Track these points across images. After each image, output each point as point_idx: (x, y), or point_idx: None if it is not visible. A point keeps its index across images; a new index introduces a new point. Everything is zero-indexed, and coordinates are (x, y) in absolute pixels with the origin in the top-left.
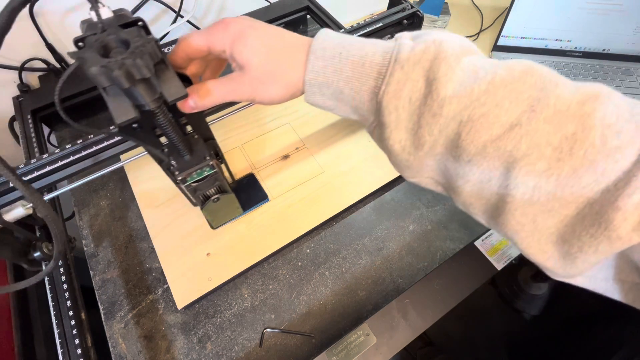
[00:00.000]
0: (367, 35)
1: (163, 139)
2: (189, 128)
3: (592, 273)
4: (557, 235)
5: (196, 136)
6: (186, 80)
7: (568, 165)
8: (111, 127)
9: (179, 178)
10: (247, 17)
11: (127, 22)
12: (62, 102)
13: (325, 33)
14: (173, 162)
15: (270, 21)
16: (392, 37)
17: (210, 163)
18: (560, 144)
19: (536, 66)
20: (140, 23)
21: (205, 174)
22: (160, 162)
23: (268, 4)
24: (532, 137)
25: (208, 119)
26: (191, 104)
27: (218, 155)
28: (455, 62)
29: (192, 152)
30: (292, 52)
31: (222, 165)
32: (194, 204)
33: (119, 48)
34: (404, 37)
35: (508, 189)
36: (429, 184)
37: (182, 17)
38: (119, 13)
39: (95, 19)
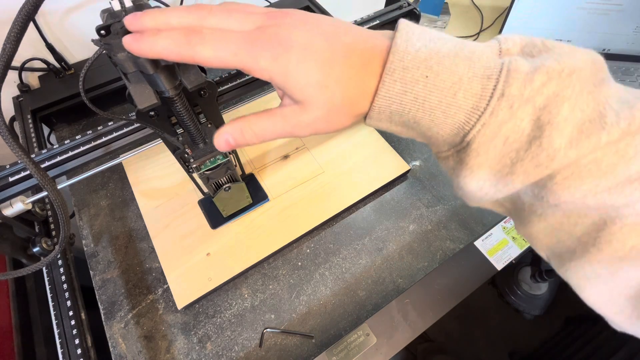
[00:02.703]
0: None
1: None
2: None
3: None
4: (637, 290)
5: (209, 125)
6: (204, 71)
7: None
8: (130, 115)
9: (194, 165)
10: (291, 13)
11: None
12: (62, 102)
13: (407, 38)
14: (187, 150)
15: None
16: None
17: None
18: None
19: None
20: None
21: (218, 162)
22: (174, 150)
23: (268, 4)
24: None
25: None
26: (230, 142)
27: None
28: (582, 106)
29: (206, 141)
30: (363, 69)
31: (232, 156)
32: (205, 194)
33: None
34: (513, 49)
35: (596, 242)
36: (490, 206)
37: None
38: (137, 2)
39: (115, 8)
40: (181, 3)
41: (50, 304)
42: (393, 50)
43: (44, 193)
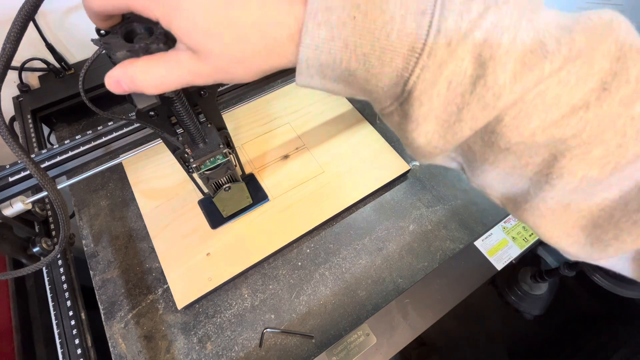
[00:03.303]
0: None
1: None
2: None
3: None
4: (589, 219)
5: (209, 125)
6: None
7: (632, 152)
8: (130, 114)
9: (193, 165)
10: None
11: None
12: (62, 102)
13: None
14: (187, 150)
15: None
16: None
17: (224, 151)
18: (626, 128)
19: (615, 23)
20: None
21: (218, 162)
22: (174, 150)
23: None
24: (599, 123)
25: None
26: (122, 87)
27: (229, 145)
28: (521, 37)
29: (206, 141)
30: (273, 15)
31: (232, 156)
32: (205, 194)
33: (142, 34)
34: None
35: (548, 178)
36: (442, 161)
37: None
38: None
39: None
40: None
41: (50, 304)
42: None
43: (44, 193)
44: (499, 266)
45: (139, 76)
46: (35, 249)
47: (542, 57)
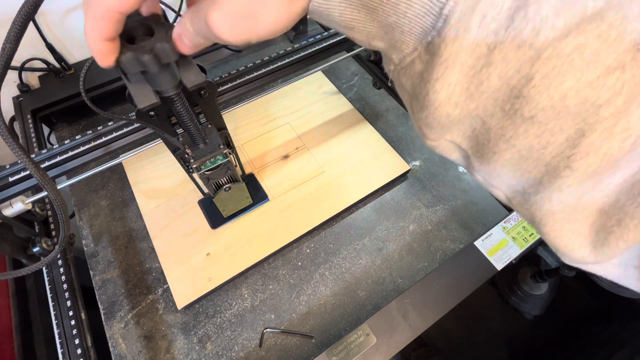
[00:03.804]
0: None
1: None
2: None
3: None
4: (594, 208)
5: (210, 125)
6: (204, 71)
7: None
8: (130, 114)
9: (194, 166)
10: None
11: None
12: (62, 102)
13: None
14: (187, 151)
15: None
16: None
17: (224, 151)
18: None
19: None
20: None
21: (218, 162)
22: (174, 150)
23: None
24: (634, 86)
25: None
26: (184, 41)
27: (229, 145)
28: None
29: (206, 141)
30: None
31: (232, 156)
32: (205, 195)
33: (143, 35)
34: None
35: (570, 160)
36: (445, 150)
37: (181, 17)
38: None
39: None
40: (181, 3)
41: (50, 304)
42: None
43: (44, 193)
44: (499, 266)
45: (188, 28)
46: (35, 249)
47: None
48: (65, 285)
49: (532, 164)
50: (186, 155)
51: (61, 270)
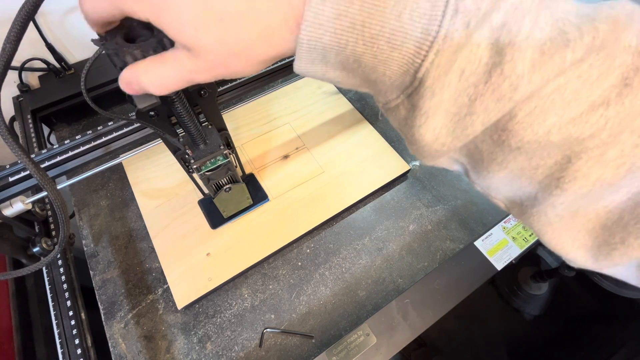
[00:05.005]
0: None
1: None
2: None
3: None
4: (597, 222)
5: (210, 126)
6: None
7: None
8: (130, 114)
9: (194, 166)
10: None
11: None
12: (62, 102)
13: None
14: (188, 151)
15: None
16: None
17: (225, 152)
18: None
19: (637, 14)
20: None
21: (219, 163)
22: (175, 151)
23: None
24: (620, 121)
25: None
26: (134, 88)
27: (230, 146)
28: (542, 22)
29: (206, 142)
30: (263, 1)
31: (232, 156)
32: (205, 195)
33: (143, 34)
34: None
35: (559, 182)
36: (444, 164)
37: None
38: None
39: None
40: None
41: (50, 304)
42: None
43: (44, 193)
44: (499, 266)
45: (142, 77)
46: (35, 249)
47: (564, 46)
48: (65, 285)
49: (526, 181)
50: (187, 156)
51: (61, 270)
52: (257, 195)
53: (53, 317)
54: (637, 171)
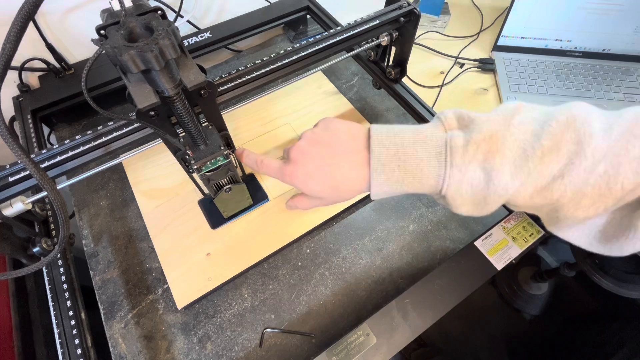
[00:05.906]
0: (365, 32)
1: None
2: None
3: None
4: (596, 230)
5: (210, 127)
6: (204, 71)
7: (612, 198)
8: (130, 114)
9: (195, 167)
10: (306, 158)
11: (146, 11)
12: (62, 102)
13: (379, 141)
14: (188, 152)
15: (270, 21)
16: (393, 36)
17: (225, 153)
18: (600, 183)
19: (574, 118)
20: (159, 12)
21: (219, 163)
22: (175, 151)
23: (268, 4)
24: (575, 184)
25: None
26: (292, 209)
27: (230, 146)
28: (508, 151)
29: (207, 142)
30: (353, 173)
31: (233, 156)
32: (205, 195)
33: (143, 34)
34: (452, 123)
35: (557, 220)
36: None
37: (182, 17)
38: (137, 2)
39: (115, 8)
40: (181, 3)
41: (50, 304)
42: (372, 156)
43: (44, 193)
44: (499, 266)
45: (298, 205)
46: (35, 249)
47: (526, 159)
48: (65, 285)
49: (538, 210)
50: (187, 157)
51: (61, 270)
52: (257, 196)
53: (53, 317)
54: (613, 207)
